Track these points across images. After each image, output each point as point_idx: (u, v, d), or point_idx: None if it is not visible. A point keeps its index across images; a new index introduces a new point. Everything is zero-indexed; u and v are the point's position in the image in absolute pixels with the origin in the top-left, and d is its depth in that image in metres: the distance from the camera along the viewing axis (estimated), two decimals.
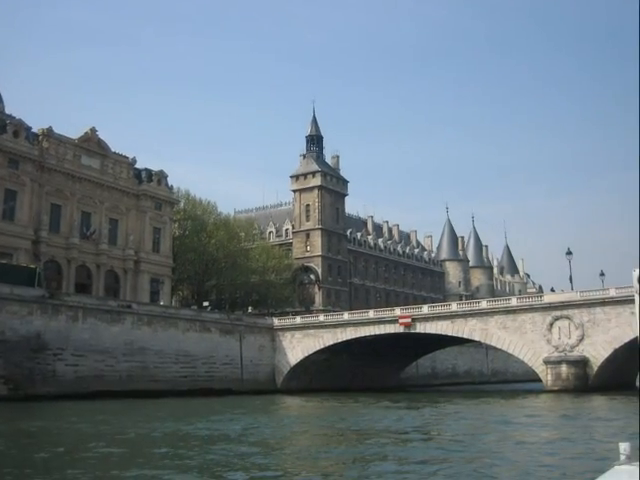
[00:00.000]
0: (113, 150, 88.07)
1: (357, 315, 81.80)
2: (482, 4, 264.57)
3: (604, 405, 50.22)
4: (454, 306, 76.65)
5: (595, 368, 64.03)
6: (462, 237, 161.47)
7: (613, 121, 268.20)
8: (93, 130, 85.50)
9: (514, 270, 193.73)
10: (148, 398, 59.38)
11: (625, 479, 6.04)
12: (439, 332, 75.14)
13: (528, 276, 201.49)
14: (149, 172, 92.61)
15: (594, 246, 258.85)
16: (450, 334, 74.93)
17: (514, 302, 72.33)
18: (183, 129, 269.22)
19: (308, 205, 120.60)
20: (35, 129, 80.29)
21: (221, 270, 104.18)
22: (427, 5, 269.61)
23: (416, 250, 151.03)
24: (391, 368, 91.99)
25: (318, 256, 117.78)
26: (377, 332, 78.29)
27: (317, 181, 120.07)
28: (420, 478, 18.27)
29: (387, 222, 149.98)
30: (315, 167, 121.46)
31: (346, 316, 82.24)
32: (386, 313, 79.87)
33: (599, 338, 64.47)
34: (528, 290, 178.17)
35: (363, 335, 79.01)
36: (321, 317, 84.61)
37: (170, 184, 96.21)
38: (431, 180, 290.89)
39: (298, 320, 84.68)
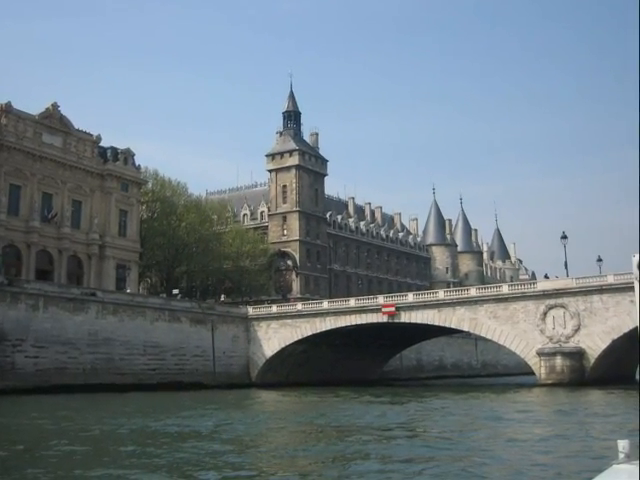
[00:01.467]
0: (76, 127, 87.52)
1: (337, 304, 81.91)
2: None
3: (601, 400, 50.51)
4: (441, 294, 76.82)
5: (592, 360, 64.35)
6: (450, 220, 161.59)
7: (611, 95, 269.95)
8: (55, 106, 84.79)
9: (505, 255, 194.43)
10: (114, 392, 59.35)
11: (624, 479, 6.06)
12: (425, 322, 75.34)
13: (520, 262, 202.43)
14: (115, 151, 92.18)
15: (591, 230, 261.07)
16: (437, 324, 75.17)
17: (505, 289, 72.52)
18: (151, 105, 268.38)
19: (285, 186, 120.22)
20: None
21: (192, 255, 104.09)
22: None
23: (400, 234, 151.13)
24: (374, 360, 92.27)
25: (296, 240, 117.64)
26: (359, 322, 78.43)
27: (295, 160, 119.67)
28: (405, 478, 18.33)
29: (369, 204, 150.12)
30: (292, 145, 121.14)
31: (326, 305, 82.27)
32: (368, 301, 79.99)
33: (596, 328, 64.78)
34: (520, 277, 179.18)
35: (344, 325, 79.12)
36: (299, 306, 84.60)
37: (137, 163, 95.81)
38: (416, 159, 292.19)
39: (274, 309, 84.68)
